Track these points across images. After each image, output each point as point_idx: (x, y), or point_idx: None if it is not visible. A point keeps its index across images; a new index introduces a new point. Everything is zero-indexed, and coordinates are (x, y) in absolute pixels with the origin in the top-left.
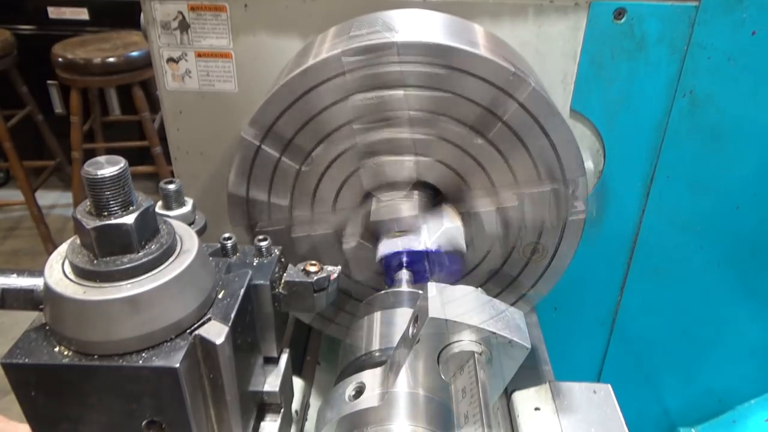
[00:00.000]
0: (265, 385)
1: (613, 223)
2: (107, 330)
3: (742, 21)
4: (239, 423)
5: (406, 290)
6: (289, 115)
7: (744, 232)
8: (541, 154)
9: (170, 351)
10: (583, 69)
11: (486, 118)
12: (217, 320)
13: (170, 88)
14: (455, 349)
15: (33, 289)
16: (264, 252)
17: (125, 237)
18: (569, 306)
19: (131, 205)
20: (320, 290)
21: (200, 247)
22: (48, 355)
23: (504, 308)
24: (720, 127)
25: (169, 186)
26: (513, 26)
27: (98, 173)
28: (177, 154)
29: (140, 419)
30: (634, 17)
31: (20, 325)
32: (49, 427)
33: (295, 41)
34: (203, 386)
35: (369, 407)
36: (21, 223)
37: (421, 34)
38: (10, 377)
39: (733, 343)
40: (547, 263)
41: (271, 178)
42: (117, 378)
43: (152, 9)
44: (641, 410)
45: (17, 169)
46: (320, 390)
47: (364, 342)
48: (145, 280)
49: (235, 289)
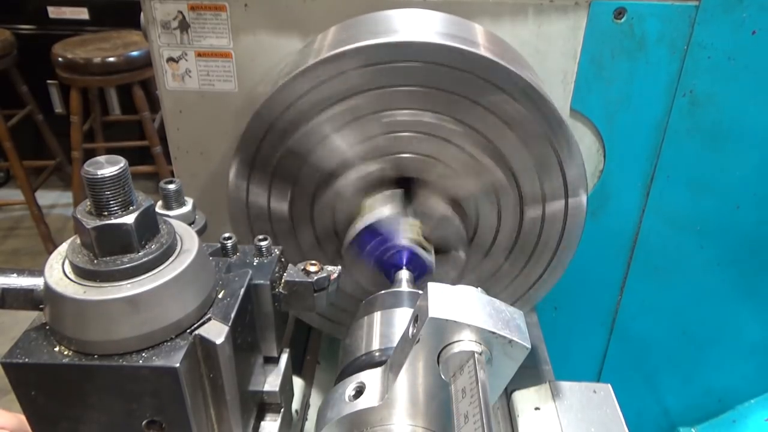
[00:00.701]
0: (265, 385)
1: (613, 223)
2: (107, 330)
3: (742, 20)
4: (239, 423)
5: (406, 290)
6: (288, 115)
7: (744, 231)
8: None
9: (170, 351)
10: (583, 68)
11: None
12: (217, 320)
13: (170, 88)
14: (455, 349)
15: (33, 289)
16: (264, 252)
17: (125, 237)
18: (569, 306)
19: (131, 205)
20: (320, 290)
21: (200, 247)
22: (48, 355)
23: (504, 308)
24: (720, 126)
25: (169, 186)
26: (513, 26)
27: (98, 173)
28: (177, 153)
29: (140, 419)
30: (634, 17)
31: (20, 325)
32: (49, 426)
33: (295, 41)
34: (203, 386)
35: (369, 407)
36: (21, 222)
37: (421, 33)
38: (10, 377)
39: (733, 342)
40: (547, 263)
41: (271, 179)
42: (117, 378)
43: (152, 8)
44: (641, 410)
45: (17, 169)
46: (320, 390)
47: (364, 342)
48: (145, 280)
49: (235, 289)
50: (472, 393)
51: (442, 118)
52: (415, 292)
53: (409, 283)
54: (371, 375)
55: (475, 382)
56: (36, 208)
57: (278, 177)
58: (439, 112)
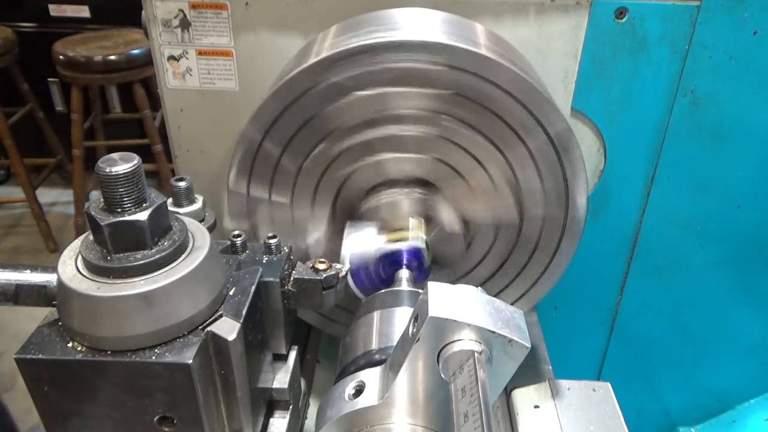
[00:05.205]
0: (274, 382)
1: (614, 223)
2: (120, 326)
3: (743, 20)
4: (249, 419)
5: (405, 289)
6: (289, 114)
7: (744, 231)
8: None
9: (183, 347)
10: (584, 68)
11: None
12: (229, 317)
13: (171, 86)
14: (455, 348)
15: (46, 285)
16: (273, 249)
17: (139, 233)
18: (569, 305)
19: (144, 202)
20: (329, 287)
21: (212, 244)
22: (61, 351)
23: (504, 307)
24: (721, 126)
25: (179, 183)
26: (514, 25)
27: (112, 170)
28: (178, 152)
29: (152, 414)
30: (636, 16)
31: (20, 323)
32: (62, 421)
33: (296, 39)
34: (215, 382)
35: (368, 406)
36: (22, 220)
37: (422, 33)
38: (23, 372)
39: (733, 342)
40: (547, 262)
41: (272, 176)
42: (130, 374)
43: (153, 7)
44: (641, 409)
45: (18, 167)
46: (320, 388)
47: (364, 341)
48: (158, 277)
49: (246, 286)
50: (471, 392)
51: (479, 138)
52: (415, 291)
53: (409, 283)
54: (371, 374)
55: (474, 381)
56: (36, 205)
57: (281, 173)
58: (478, 131)
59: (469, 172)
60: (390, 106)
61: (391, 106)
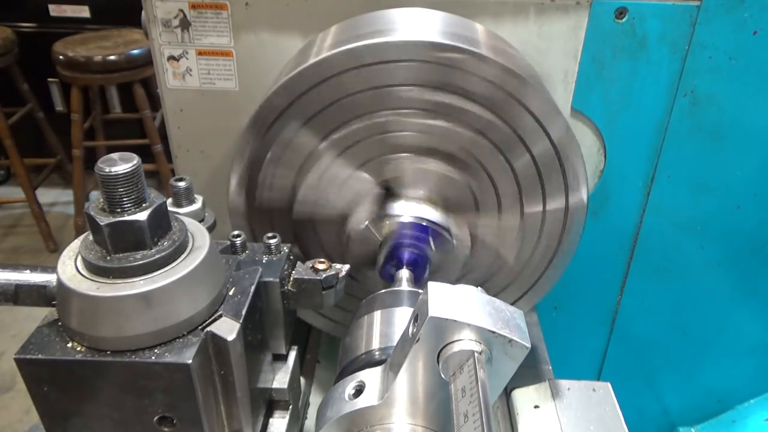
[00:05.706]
0: (274, 382)
1: (614, 223)
2: (120, 326)
3: (743, 21)
4: (249, 419)
5: (406, 289)
6: (316, 92)
7: (744, 231)
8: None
9: (182, 347)
10: (584, 68)
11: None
12: (229, 317)
13: (171, 86)
14: (455, 348)
15: (46, 285)
16: (273, 249)
17: (138, 234)
18: (569, 305)
19: (144, 202)
20: (329, 287)
21: (212, 244)
22: (61, 351)
23: (504, 307)
24: (721, 126)
25: (179, 183)
26: (514, 25)
27: (112, 170)
28: (178, 152)
29: (152, 414)
30: (636, 17)
31: (20, 323)
32: (62, 421)
33: (296, 40)
34: (214, 382)
35: (368, 406)
36: (21, 220)
37: (422, 32)
38: (23, 372)
39: (733, 342)
40: (547, 262)
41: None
42: (129, 374)
43: (153, 7)
44: (641, 410)
45: (18, 167)
46: (320, 388)
47: (364, 341)
48: (157, 277)
49: (246, 286)
50: (471, 392)
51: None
52: (415, 291)
53: (410, 282)
54: (371, 374)
55: (474, 381)
56: (36, 205)
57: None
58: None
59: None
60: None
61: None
